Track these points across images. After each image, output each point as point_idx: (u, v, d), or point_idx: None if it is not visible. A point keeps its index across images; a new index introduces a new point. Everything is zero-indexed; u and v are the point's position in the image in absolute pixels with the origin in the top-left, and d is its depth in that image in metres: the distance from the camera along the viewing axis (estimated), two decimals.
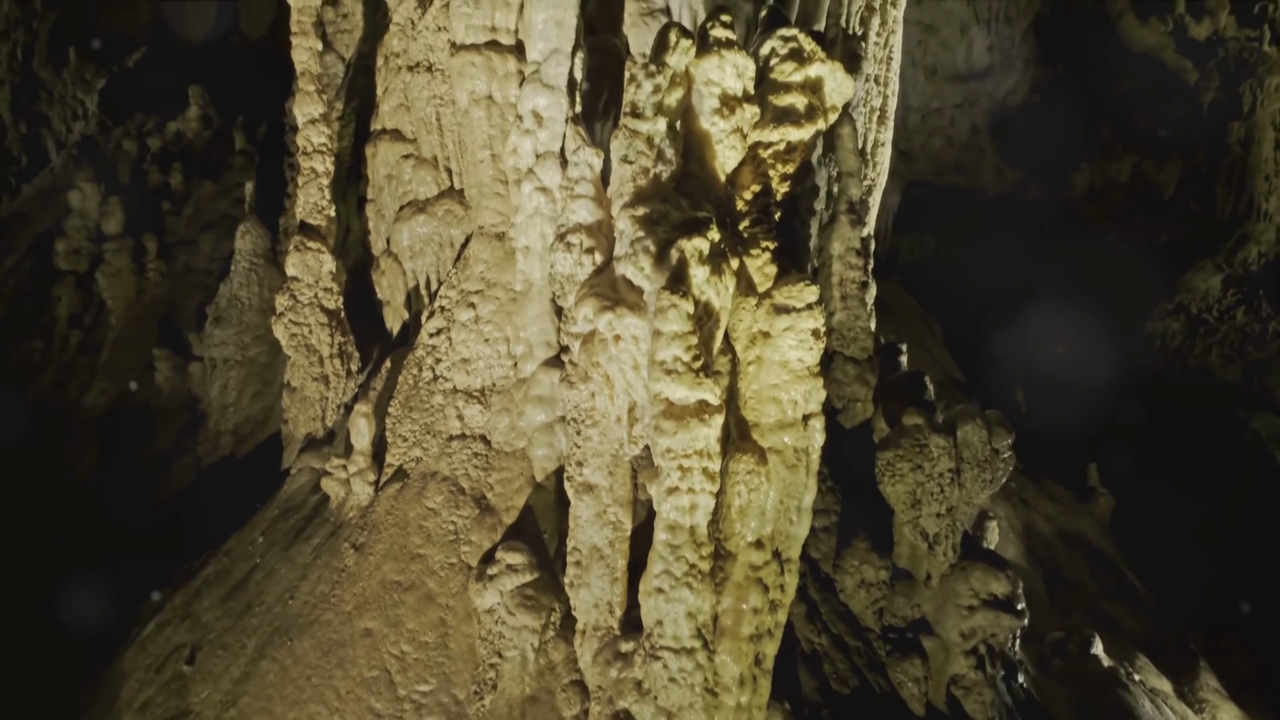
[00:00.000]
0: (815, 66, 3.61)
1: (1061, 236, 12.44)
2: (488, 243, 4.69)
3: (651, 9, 4.59)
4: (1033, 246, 12.27)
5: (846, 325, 5.11)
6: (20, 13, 11.05)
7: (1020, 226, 12.30)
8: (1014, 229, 12.26)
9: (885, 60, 6.22)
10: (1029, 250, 12.24)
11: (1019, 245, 12.14)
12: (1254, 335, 11.92)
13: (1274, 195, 11.60)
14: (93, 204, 7.99)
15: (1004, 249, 12.15)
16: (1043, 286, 12.50)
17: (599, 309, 3.47)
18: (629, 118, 3.45)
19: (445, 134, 5.05)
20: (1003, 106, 12.26)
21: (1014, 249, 12.15)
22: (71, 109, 10.44)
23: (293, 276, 5.32)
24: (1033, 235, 12.23)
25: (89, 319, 7.86)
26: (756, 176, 3.57)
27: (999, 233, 12.21)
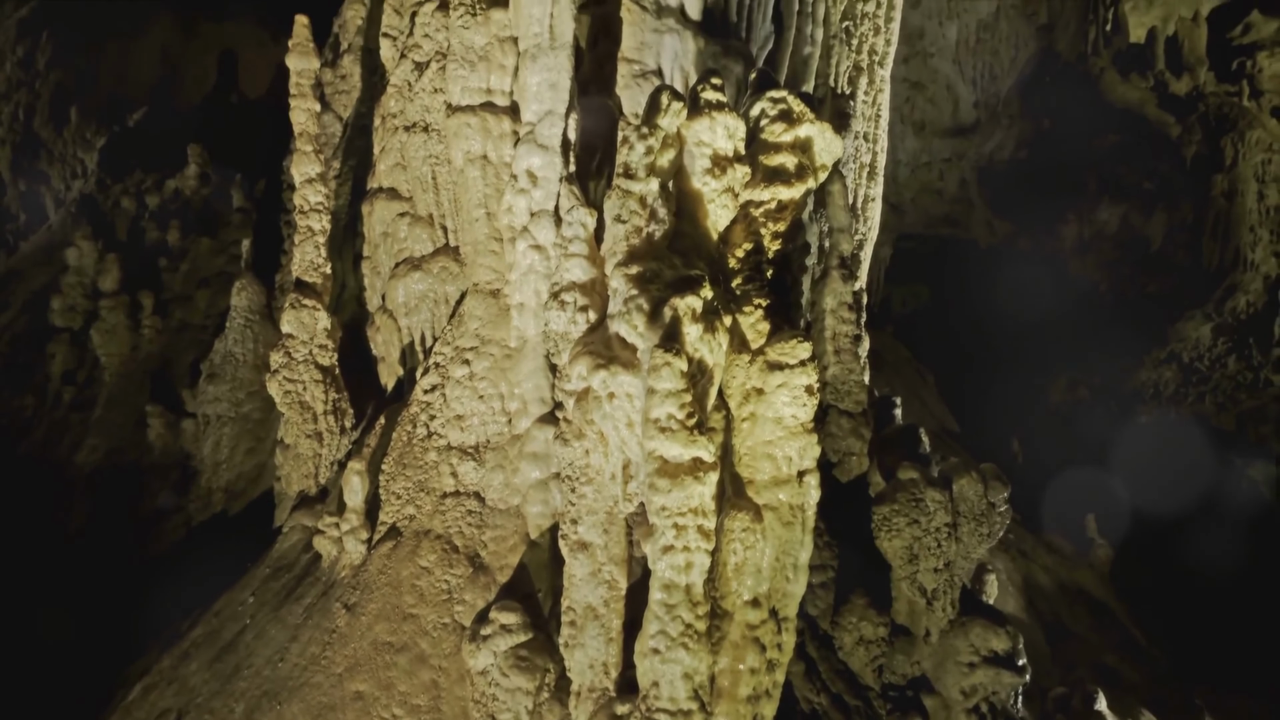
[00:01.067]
0: (804, 127, 3.68)
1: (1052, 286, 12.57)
2: (482, 299, 4.72)
3: (644, 71, 4.70)
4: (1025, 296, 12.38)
5: (840, 379, 5.12)
6: (23, 74, 11.26)
7: (1012, 277, 12.42)
8: (1006, 280, 12.38)
9: (874, 118, 6.35)
10: (1021, 300, 12.35)
11: (1011, 296, 12.24)
12: (1246, 383, 11.97)
13: (1259, 246, 11.76)
14: (90, 261, 8.04)
15: (996, 299, 12.26)
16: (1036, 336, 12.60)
17: (593, 367, 3.48)
18: (622, 178, 3.51)
19: (441, 192, 5.11)
20: (991, 160, 12.49)
21: (1006, 299, 12.26)
22: (71, 167, 10.59)
23: (288, 333, 5.33)
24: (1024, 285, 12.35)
25: (83, 375, 7.85)
26: (748, 234, 3.62)
27: (991, 283, 12.33)
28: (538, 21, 4.34)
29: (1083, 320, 12.40)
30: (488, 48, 4.61)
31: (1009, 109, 11.90)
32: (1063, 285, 12.44)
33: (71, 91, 10.80)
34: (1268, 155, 11.78)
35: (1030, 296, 12.18)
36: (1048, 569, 8.62)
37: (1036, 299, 12.07)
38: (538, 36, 4.35)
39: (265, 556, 5.38)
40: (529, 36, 4.38)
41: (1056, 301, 12.22)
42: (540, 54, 4.34)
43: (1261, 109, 12.36)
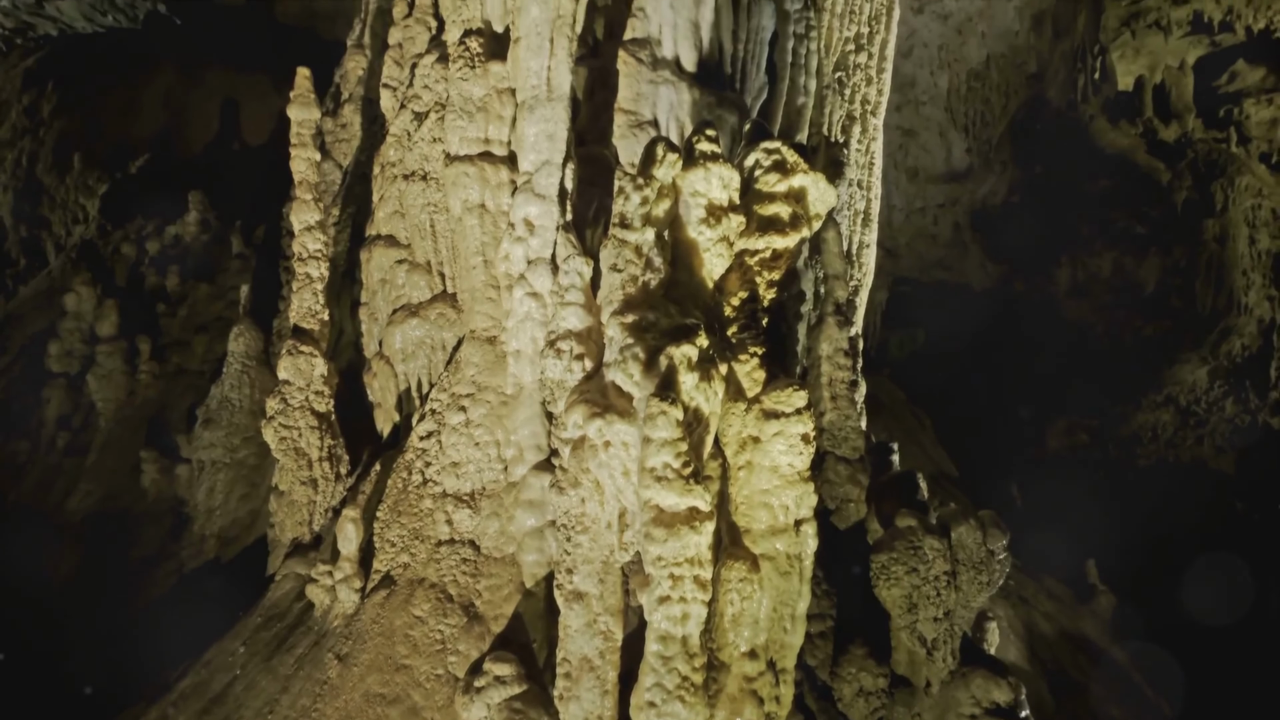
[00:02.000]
0: (798, 177, 3.72)
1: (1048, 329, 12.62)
2: (479, 346, 4.73)
3: (640, 121, 4.77)
4: (1020, 340, 12.43)
5: (837, 425, 5.12)
6: (28, 121, 11.41)
7: (1007, 320, 12.48)
8: (1001, 323, 12.44)
9: (867, 165, 6.43)
10: (1017, 343, 12.40)
11: (1007, 339, 12.30)
12: (1243, 427, 11.97)
13: (1253, 290, 11.84)
14: (88, 306, 8.07)
15: (992, 343, 12.31)
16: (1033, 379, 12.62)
17: (589, 415, 3.48)
18: (618, 228, 3.54)
19: (439, 240, 5.15)
20: (984, 205, 12.63)
21: (1002, 342, 12.31)
22: (73, 213, 10.67)
23: (284, 380, 5.33)
24: (1020, 329, 12.41)
25: (78, 420, 7.83)
26: (743, 283, 3.64)
27: (987, 327, 12.39)
28: (535, 74, 4.41)
29: (1079, 363, 12.43)
30: (486, 99, 4.68)
31: (1001, 155, 12.07)
32: (1058, 328, 12.49)
33: (75, 139, 10.94)
34: (1257, 200, 11.92)
35: (1026, 340, 12.23)
36: (1049, 616, 8.52)
37: (1032, 342, 12.12)
38: (535, 89, 4.42)
39: (257, 605, 5.31)
40: (527, 89, 4.45)
41: (1052, 344, 12.27)
42: (538, 105, 4.41)
43: (1250, 155, 12.55)
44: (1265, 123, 12.61)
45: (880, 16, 6.38)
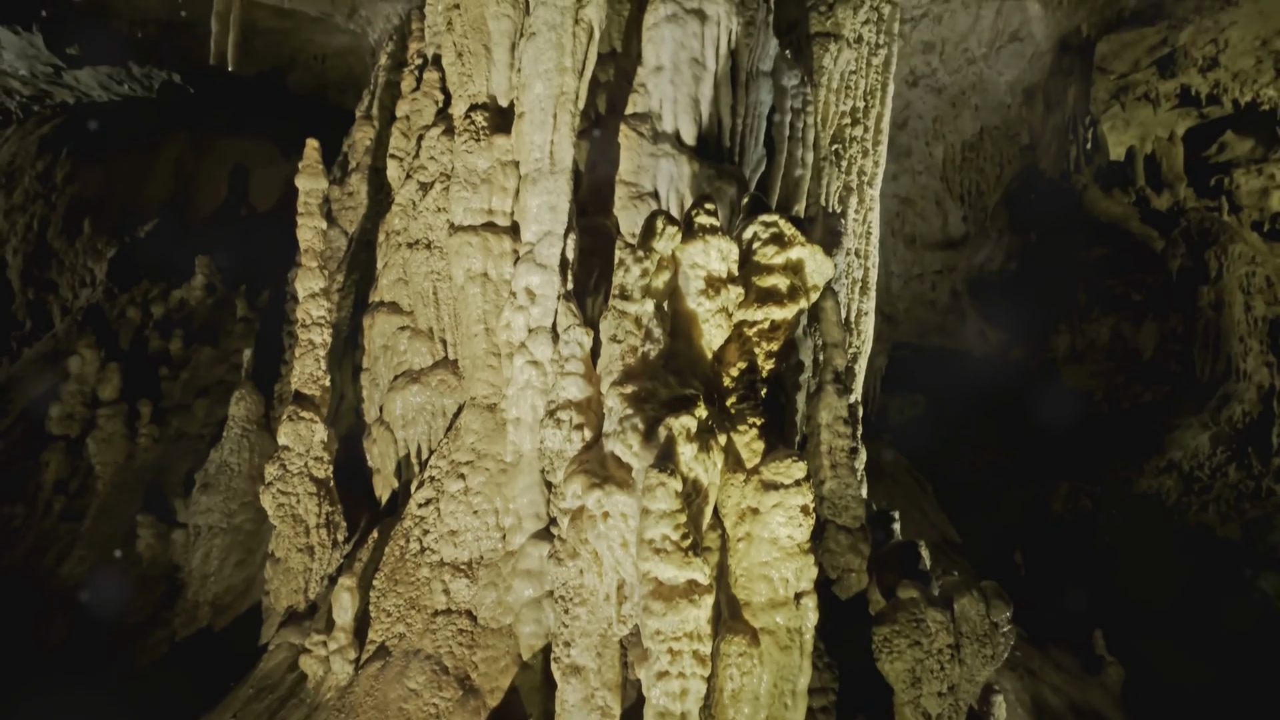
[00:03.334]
0: (796, 250, 3.79)
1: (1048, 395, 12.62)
2: (479, 414, 4.74)
3: (640, 193, 4.86)
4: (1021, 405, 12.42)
5: (837, 494, 5.10)
6: (41, 187, 11.64)
7: (1007, 386, 12.50)
8: (1001, 389, 12.46)
9: (864, 235, 6.53)
10: (1017, 409, 12.39)
11: (1007, 405, 12.29)
12: (1249, 492, 11.89)
13: (1250, 356, 11.88)
14: (91, 369, 8.10)
15: (992, 408, 12.30)
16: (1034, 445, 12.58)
17: (588, 486, 3.47)
18: (617, 299, 3.59)
19: (441, 307, 5.21)
20: (981, 272, 12.77)
21: (1002, 408, 12.30)
22: (80, 276, 10.80)
23: (284, 445, 5.33)
24: (1019, 394, 12.41)
25: (75, 484, 7.79)
26: (742, 354, 3.67)
27: (986, 392, 12.40)
28: (538, 148, 4.52)
29: (1080, 429, 12.40)
30: (490, 171, 4.79)
31: (997, 223, 12.25)
32: (1058, 394, 12.50)
33: (86, 204, 11.13)
34: (1251, 268, 12.06)
35: (1026, 405, 12.22)
36: (1057, 689, 8.33)
37: (1032, 408, 12.11)
38: (538, 162, 4.52)
39: (249, 675, 5.22)
40: (530, 161, 4.56)
41: (1052, 410, 12.26)
42: (540, 178, 4.51)
43: (1242, 223, 12.74)
44: (1255, 192, 12.83)
45: (875, 92, 6.55)
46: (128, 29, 11.14)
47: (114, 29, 11.06)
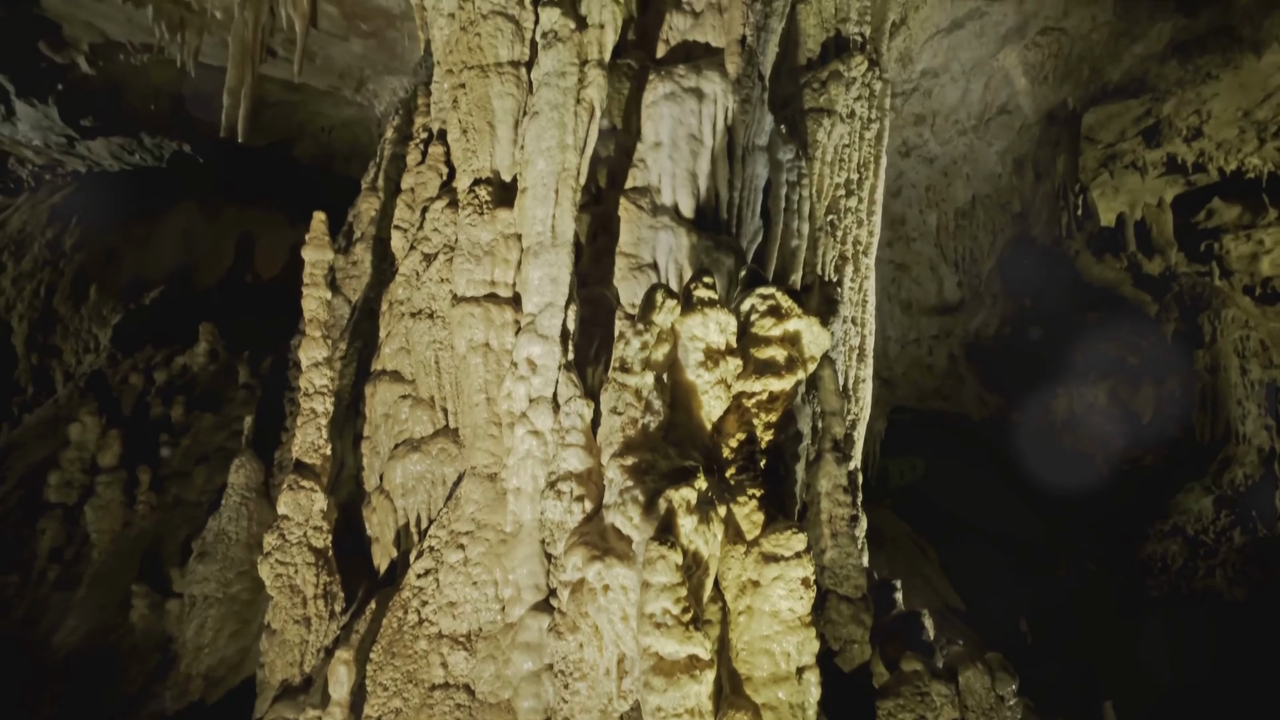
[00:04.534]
0: (793, 321, 3.86)
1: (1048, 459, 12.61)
2: (480, 483, 4.75)
3: (640, 264, 4.96)
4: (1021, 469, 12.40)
5: (838, 563, 5.07)
6: (50, 254, 11.82)
7: (1006, 450, 12.50)
8: (1001, 453, 12.45)
9: (861, 303, 6.63)
10: (1018, 473, 12.36)
11: (1007, 469, 12.27)
12: (1255, 556, 11.80)
13: (1249, 419, 11.91)
14: (92, 436, 8.11)
15: (993, 472, 12.27)
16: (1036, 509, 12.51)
17: (588, 558, 3.47)
18: (618, 372, 3.64)
19: (443, 376, 5.26)
20: (978, 337, 12.88)
21: (1003, 472, 12.27)
22: (84, 342, 10.89)
23: (283, 515, 5.31)
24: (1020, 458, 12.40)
25: (70, 553, 7.73)
26: (741, 425, 3.70)
27: (986, 456, 12.40)
28: (540, 221, 4.63)
29: (1082, 493, 12.36)
30: (493, 243, 4.89)
31: (991, 288, 12.41)
32: (1058, 458, 12.49)
33: (93, 271, 11.30)
34: (1245, 331, 12.16)
35: (1026, 469, 12.20)
36: None
37: (1033, 472, 12.09)
38: (540, 235, 4.62)
39: None
40: (532, 235, 4.66)
41: (1053, 474, 12.23)
42: (542, 251, 4.60)
43: (1234, 288, 12.87)
44: (1245, 257, 13.00)
45: (869, 164, 6.72)
46: (140, 102, 11.45)
47: (127, 102, 11.37)
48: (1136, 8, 8.85)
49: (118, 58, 10.09)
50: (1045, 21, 8.93)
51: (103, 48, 9.89)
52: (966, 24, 8.63)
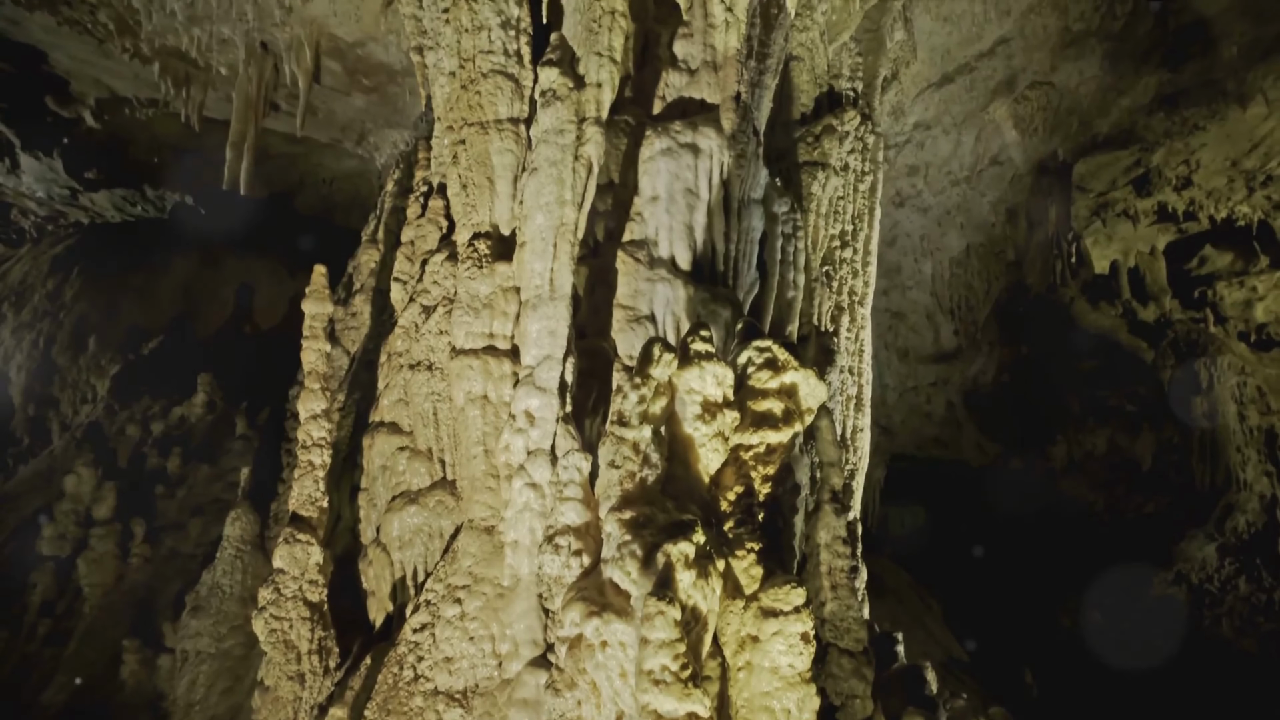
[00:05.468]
0: (789, 374, 3.87)
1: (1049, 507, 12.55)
2: (477, 536, 4.72)
3: (638, 316, 4.99)
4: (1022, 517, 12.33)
5: (839, 616, 5.02)
6: (50, 305, 11.87)
7: (1007, 498, 12.44)
8: (1001, 500, 12.39)
9: (857, 353, 6.66)
10: (1019, 521, 12.29)
11: (1008, 516, 12.20)
12: (1261, 605, 11.67)
13: (1249, 465, 11.88)
14: (87, 488, 8.07)
15: (993, 520, 12.19)
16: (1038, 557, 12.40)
17: (586, 614, 3.44)
18: (615, 425, 3.65)
19: (441, 428, 5.25)
20: (975, 384, 12.91)
21: (1004, 520, 12.20)
22: (82, 393, 10.88)
23: (279, 569, 5.26)
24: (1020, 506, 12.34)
25: (62, 606, 7.64)
26: (739, 478, 3.70)
27: (986, 504, 12.33)
28: (539, 275, 4.68)
29: (1084, 541, 12.28)
30: (492, 296, 4.93)
31: (988, 336, 12.47)
32: (1059, 505, 12.43)
33: (93, 322, 11.33)
34: (1242, 378, 12.19)
35: (1028, 517, 12.13)
36: None
37: (1034, 520, 12.02)
38: (539, 288, 4.67)
39: None
40: (530, 288, 4.70)
41: (1055, 522, 12.17)
42: (541, 304, 4.64)
43: (1229, 334, 12.95)
44: (1239, 303, 13.10)
45: (863, 215, 6.81)
46: (144, 155, 11.62)
47: (131, 155, 11.53)
48: (1122, 62, 9.05)
49: (123, 112, 10.26)
50: (1034, 76, 9.13)
51: (109, 102, 10.07)
52: (957, 79, 8.83)
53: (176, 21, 7.68)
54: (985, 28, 8.19)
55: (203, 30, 7.86)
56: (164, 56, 8.40)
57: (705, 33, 5.51)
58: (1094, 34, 8.49)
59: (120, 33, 8.00)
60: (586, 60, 4.96)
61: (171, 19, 7.65)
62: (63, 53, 8.83)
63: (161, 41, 8.06)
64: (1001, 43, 8.49)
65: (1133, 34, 8.54)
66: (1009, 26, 8.28)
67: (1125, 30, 8.47)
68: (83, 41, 8.37)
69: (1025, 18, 8.20)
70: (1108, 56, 8.91)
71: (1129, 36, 8.58)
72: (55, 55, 8.93)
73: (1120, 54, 8.88)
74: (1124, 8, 8.19)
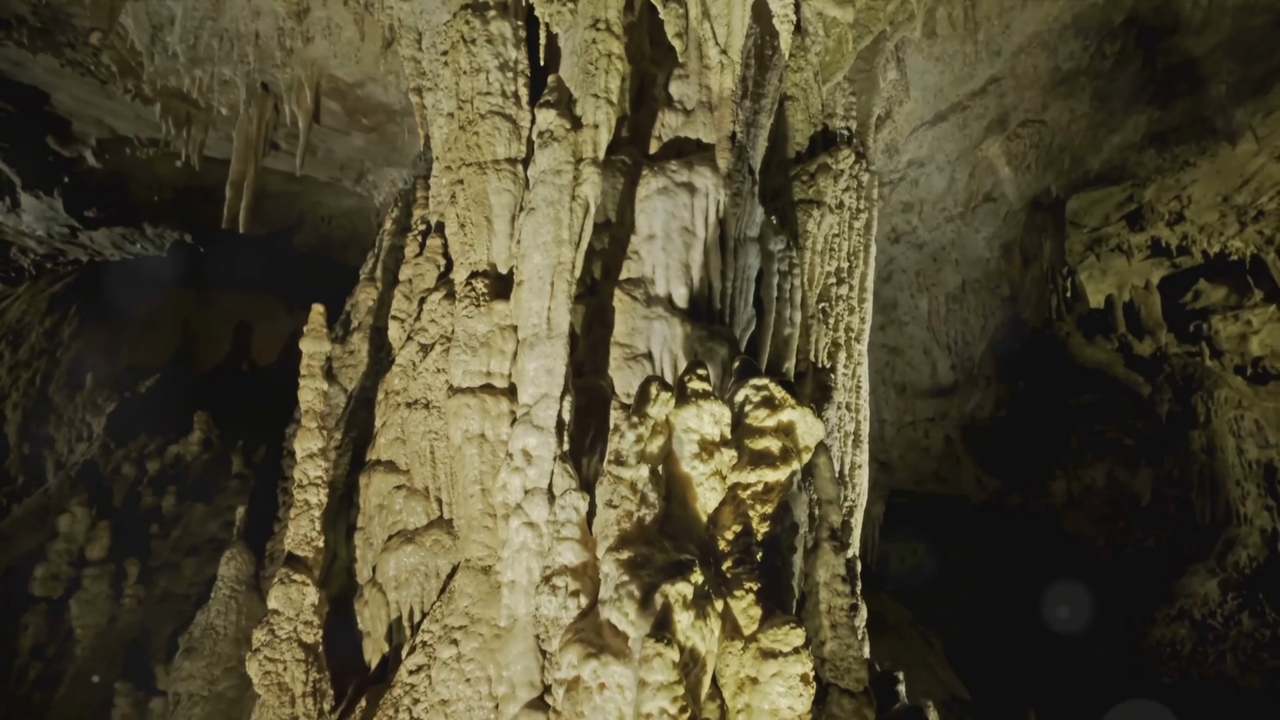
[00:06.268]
0: (786, 412, 3.87)
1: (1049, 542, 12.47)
2: (474, 576, 4.69)
3: (635, 354, 5.01)
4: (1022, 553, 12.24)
5: (839, 655, 4.96)
6: (47, 343, 11.87)
7: (1007, 533, 12.37)
8: (1001, 536, 12.32)
9: (855, 389, 6.66)
10: (1019, 557, 12.20)
11: (1008, 552, 12.12)
12: (1265, 641, 11.56)
13: (1249, 499, 11.84)
14: (81, 528, 8.02)
15: (994, 556, 12.11)
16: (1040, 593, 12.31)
17: (583, 655, 3.40)
18: (612, 464, 3.64)
19: (438, 466, 5.24)
20: (973, 419, 12.90)
21: (1004, 556, 12.11)
22: (78, 431, 10.85)
23: (274, 610, 5.20)
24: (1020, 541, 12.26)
25: (53, 649, 7.54)
26: (737, 517, 3.68)
27: (987, 539, 12.26)
28: (536, 314, 4.69)
29: (1085, 576, 12.18)
30: (489, 335, 4.94)
31: (985, 371, 12.49)
32: (1059, 541, 12.36)
33: (90, 360, 11.33)
34: (1239, 411, 12.20)
35: (1028, 552, 12.05)
36: None
37: (1034, 555, 11.94)
38: (536, 327, 4.68)
39: None
40: (528, 327, 4.72)
41: (1055, 557, 12.09)
42: (538, 342, 4.65)
43: (1225, 368, 12.98)
44: (1234, 337, 13.16)
45: (858, 252, 6.86)
46: (144, 193, 11.69)
47: (132, 193, 11.60)
48: (1112, 100, 9.18)
49: (124, 151, 10.34)
50: (1025, 114, 9.25)
51: (110, 142, 10.15)
52: (949, 117, 8.94)
53: (179, 63, 7.77)
54: (976, 67, 8.32)
55: (204, 72, 7.96)
56: (166, 97, 8.49)
57: (701, 74, 5.60)
58: (1084, 73, 8.63)
59: (123, 74, 8.09)
60: (583, 102, 5.02)
61: (174, 61, 7.74)
62: (65, 93, 8.93)
63: (163, 83, 8.16)
64: (993, 82, 8.61)
65: (1122, 73, 8.68)
66: (1000, 66, 8.41)
67: (1114, 69, 8.61)
68: (85, 83, 8.47)
69: (1016, 57, 8.33)
70: (1098, 95, 9.04)
71: (1118, 75, 8.72)
72: (58, 96, 9.03)
73: (1110, 92, 9.02)
74: (1113, 47, 8.32)
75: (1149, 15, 7.97)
